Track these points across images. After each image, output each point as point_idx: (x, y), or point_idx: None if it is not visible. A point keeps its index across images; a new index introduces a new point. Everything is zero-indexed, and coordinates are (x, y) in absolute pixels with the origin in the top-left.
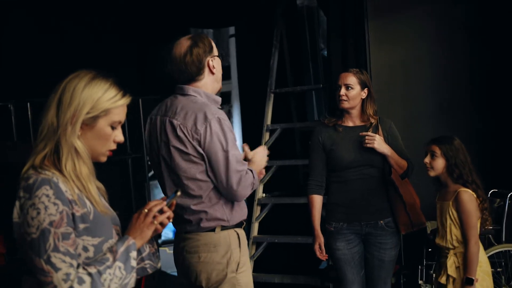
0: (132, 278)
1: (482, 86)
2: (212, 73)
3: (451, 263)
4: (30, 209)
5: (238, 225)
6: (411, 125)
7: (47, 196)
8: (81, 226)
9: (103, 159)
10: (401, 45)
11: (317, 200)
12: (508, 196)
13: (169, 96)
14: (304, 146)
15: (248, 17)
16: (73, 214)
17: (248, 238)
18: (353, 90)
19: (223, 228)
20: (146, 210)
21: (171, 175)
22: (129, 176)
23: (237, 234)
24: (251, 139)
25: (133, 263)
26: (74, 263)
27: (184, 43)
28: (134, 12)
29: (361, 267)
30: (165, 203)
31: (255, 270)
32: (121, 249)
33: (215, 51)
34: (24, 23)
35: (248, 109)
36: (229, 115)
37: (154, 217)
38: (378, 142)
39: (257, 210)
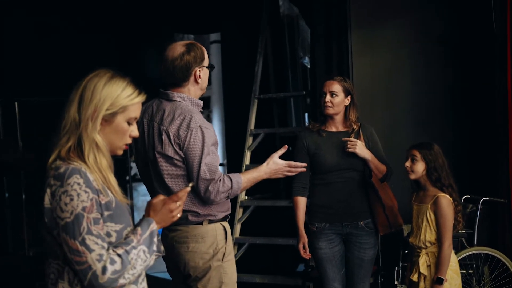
0: (152, 261)
1: (456, 96)
2: (197, 82)
3: (423, 262)
4: (63, 196)
5: (224, 218)
6: (391, 132)
7: (79, 184)
8: (106, 213)
9: (120, 152)
10: (382, 54)
11: (301, 202)
12: (480, 201)
13: (151, 98)
14: (284, 152)
15: (233, 24)
16: (99, 202)
17: None
18: (337, 97)
19: (210, 221)
20: (179, 203)
21: (156, 176)
22: None
23: (223, 226)
24: (234, 143)
25: (155, 247)
26: (105, 245)
27: (177, 48)
28: (119, 15)
29: (341, 265)
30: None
31: (237, 270)
32: (146, 234)
33: (206, 62)
34: (14, 24)
35: (232, 113)
36: (209, 120)
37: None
38: (360, 147)
39: (239, 212)
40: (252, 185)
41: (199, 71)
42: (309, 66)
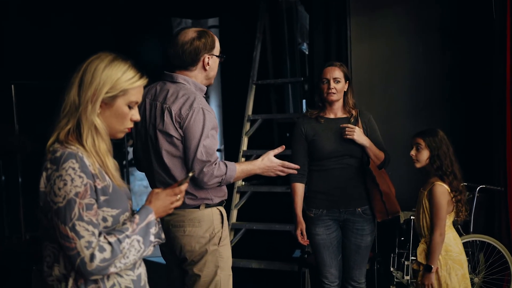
0: (149, 251)
1: (454, 83)
2: (205, 69)
3: (421, 251)
4: (57, 180)
5: (220, 203)
6: (389, 119)
7: (73, 169)
8: (102, 198)
9: (121, 135)
10: (381, 41)
11: (299, 188)
12: (477, 189)
13: (151, 83)
14: (282, 137)
15: (231, 9)
16: (95, 187)
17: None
18: (340, 83)
19: (207, 206)
20: (179, 196)
21: (156, 156)
22: None
23: (220, 211)
24: (231, 128)
25: (152, 237)
26: (96, 232)
27: (189, 33)
28: (117, 1)
29: (338, 252)
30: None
31: (233, 255)
32: (143, 224)
33: (216, 51)
34: (12, 9)
35: (229, 99)
36: None
37: None
38: (358, 134)
39: (236, 198)
40: (245, 177)
41: (208, 58)
42: (307, 52)
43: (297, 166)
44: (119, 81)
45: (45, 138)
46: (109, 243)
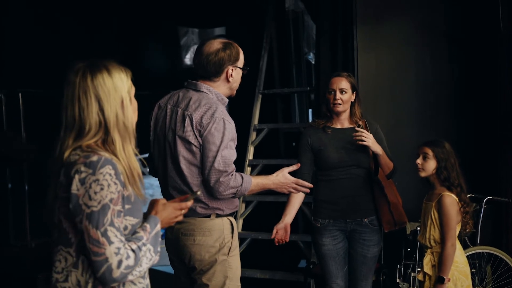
0: (155, 260)
1: (461, 93)
2: (228, 81)
3: (427, 261)
4: (93, 184)
5: (231, 214)
6: (395, 129)
7: (110, 175)
8: (126, 206)
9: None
10: (388, 51)
11: (296, 198)
12: (484, 201)
13: (159, 91)
14: (287, 147)
15: (237, 18)
16: (123, 195)
17: None
18: (346, 94)
19: (218, 215)
20: (183, 212)
21: (173, 161)
22: None
23: (230, 221)
24: (238, 137)
25: (158, 247)
26: (123, 239)
27: (215, 44)
28: (122, 8)
29: (345, 262)
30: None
31: None
32: (153, 233)
33: (240, 63)
34: (19, 16)
35: (235, 108)
36: None
37: None
38: (373, 141)
39: (241, 207)
40: (259, 191)
41: (232, 70)
42: (313, 62)
43: (310, 185)
44: (128, 82)
45: (52, 146)
46: (132, 250)
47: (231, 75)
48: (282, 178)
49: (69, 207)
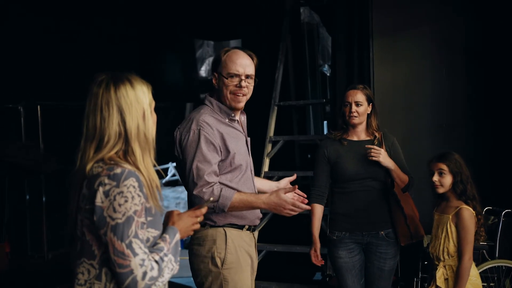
0: (175, 270)
1: (479, 106)
2: (215, 87)
3: (440, 275)
4: (117, 196)
5: (230, 225)
6: (412, 141)
7: (134, 187)
8: (148, 218)
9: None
10: (404, 63)
11: (318, 209)
12: (502, 214)
13: (174, 103)
14: (303, 158)
15: (253, 30)
16: (146, 207)
17: None
18: (362, 106)
19: (211, 226)
20: (199, 219)
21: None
22: None
23: (225, 232)
24: (253, 149)
25: (178, 258)
26: (147, 250)
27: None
28: (140, 21)
29: (361, 275)
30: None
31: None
32: (173, 243)
33: (221, 69)
34: (38, 29)
35: (251, 120)
36: None
37: None
38: (384, 156)
39: None
40: (246, 209)
41: (216, 75)
42: (328, 74)
43: (307, 207)
44: (148, 94)
45: (69, 158)
46: (156, 261)
47: (215, 82)
48: (275, 198)
49: (92, 220)
